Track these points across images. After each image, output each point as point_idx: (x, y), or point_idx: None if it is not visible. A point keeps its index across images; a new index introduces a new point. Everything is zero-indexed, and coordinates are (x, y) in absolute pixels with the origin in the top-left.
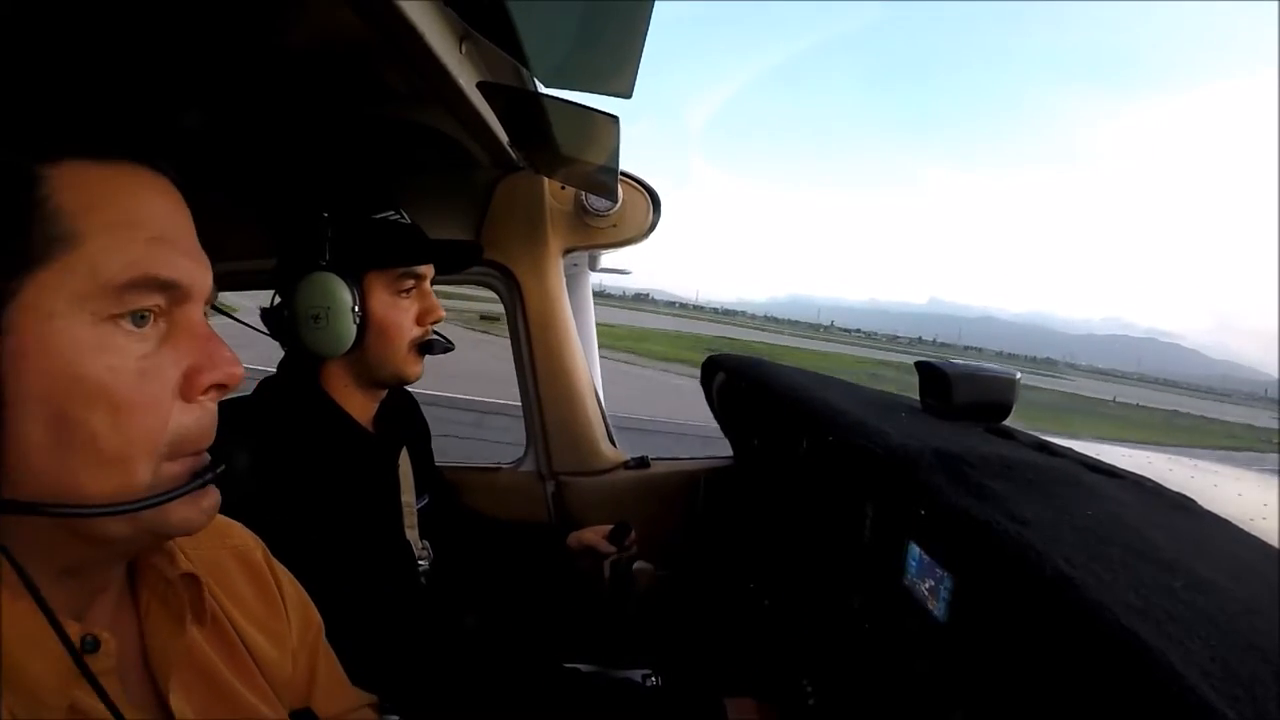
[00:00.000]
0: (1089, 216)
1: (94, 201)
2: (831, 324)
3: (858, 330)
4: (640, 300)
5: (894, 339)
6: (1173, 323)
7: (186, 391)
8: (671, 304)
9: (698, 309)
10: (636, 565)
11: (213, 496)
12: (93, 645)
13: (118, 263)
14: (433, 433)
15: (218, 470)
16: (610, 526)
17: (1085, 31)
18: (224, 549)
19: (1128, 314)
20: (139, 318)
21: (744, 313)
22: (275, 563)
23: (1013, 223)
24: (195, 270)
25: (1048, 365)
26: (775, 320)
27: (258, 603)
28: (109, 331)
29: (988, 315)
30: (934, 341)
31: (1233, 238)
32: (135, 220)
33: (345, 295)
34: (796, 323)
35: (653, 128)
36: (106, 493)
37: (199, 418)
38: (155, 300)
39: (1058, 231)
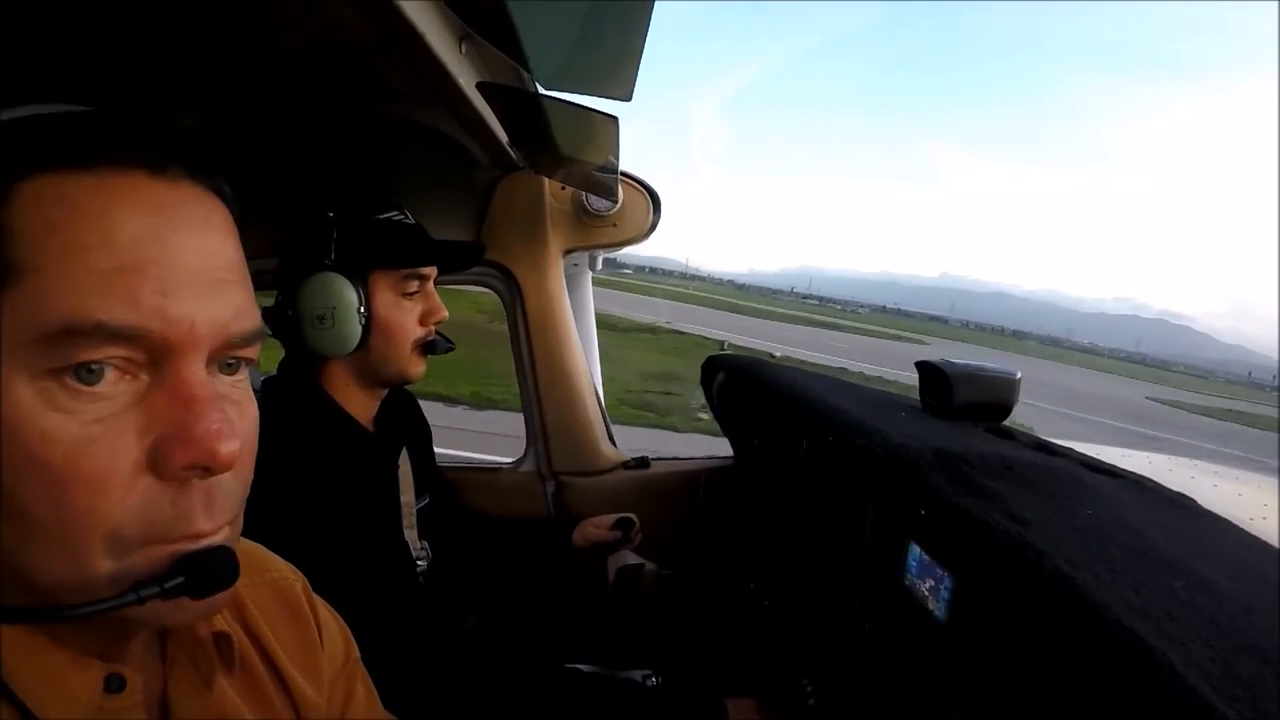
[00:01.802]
0: (1106, 198)
1: (57, 220)
2: (792, 290)
3: (810, 297)
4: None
5: (855, 311)
6: (1186, 305)
7: (159, 467)
8: (642, 269)
9: (667, 273)
10: (646, 568)
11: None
12: (119, 685)
13: (61, 302)
14: None
15: (187, 577)
16: (614, 517)
17: (1109, 18)
18: (264, 584)
19: (1141, 295)
20: (87, 371)
21: (701, 278)
22: (314, 596)
23: (1029, 202)
24: (181, 310)
25: (1015, 340)
26: (738, 288)
27: (296, 641)
28: (50, 388)
29: (1000, 291)
30: (899, 310)
31: (1252, 223)
32: (96, 243)
33: (351, 296)
34: (754, 288)
35: (657, 111)
36: (58, 575)
37: (176, 499)
38: (109, 351)
39: (1074, 212)
